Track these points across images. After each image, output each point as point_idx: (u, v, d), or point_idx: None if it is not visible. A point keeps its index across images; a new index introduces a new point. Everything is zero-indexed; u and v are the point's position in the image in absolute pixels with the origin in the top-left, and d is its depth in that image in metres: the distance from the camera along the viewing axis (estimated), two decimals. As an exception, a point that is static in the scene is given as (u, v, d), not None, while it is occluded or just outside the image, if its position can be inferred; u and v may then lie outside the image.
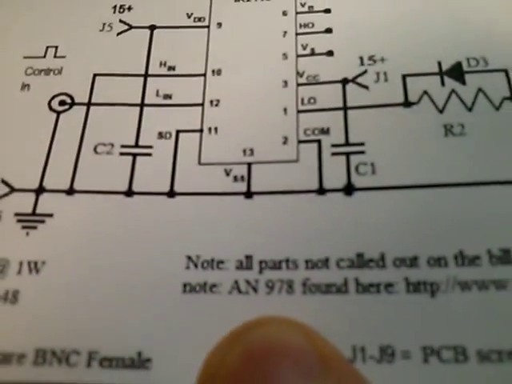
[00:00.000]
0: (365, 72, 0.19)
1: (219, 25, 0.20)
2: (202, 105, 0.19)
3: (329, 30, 0.20)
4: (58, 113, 0.19)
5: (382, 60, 0.19)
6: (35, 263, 0.17)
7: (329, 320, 0.15)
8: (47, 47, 0.21)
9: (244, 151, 0.18)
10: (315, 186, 0.17)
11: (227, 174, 0.18)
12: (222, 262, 0.16)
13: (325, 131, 0.18)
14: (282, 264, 0.16)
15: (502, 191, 0.16)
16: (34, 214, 0.17)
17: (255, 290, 0.16)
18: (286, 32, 0.20)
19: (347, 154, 0.17)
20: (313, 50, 0.19)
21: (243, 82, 0.19)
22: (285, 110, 0.18)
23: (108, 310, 0.16)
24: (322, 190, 0.17)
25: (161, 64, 0.20)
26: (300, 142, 0.18)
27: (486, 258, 0.15)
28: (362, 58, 0.19)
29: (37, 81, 0.20)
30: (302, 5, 0.20)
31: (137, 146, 0.18)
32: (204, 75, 0.20)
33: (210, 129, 0.18)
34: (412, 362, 0.14)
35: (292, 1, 0.20)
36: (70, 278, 0.16)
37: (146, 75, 0.20)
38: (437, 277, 0.15)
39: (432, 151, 0.17)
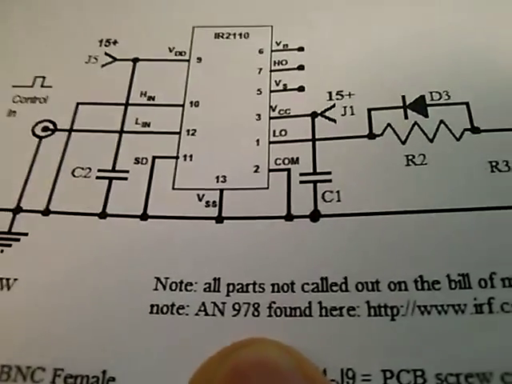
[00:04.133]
0: (333, 106, 0.20)
1: (199, 59, 0.22)
2: (179, 133, 0.20)
3: (301, 67, 0.21)
4: (41, 138, 0.20)
5: (350, 95, 0.20)
6: (7, 280, 0.17)
7: (292, 343, 0.15)
8: (35, 77, 0.22)
9: (217, 178, 0.19)
10: (283, 212, 0.18)
11: (200, 200, 0.18)
12: (190, 283, 0.17)
13: (294, 161, 0.19)
14: (249, 287, 0.16)
15: (462, 218, 0.17)
16: (9, 232, 0.18)
17: (222, 312, 0.16)
18: (261, 69, 0.21)
19: (314, 182, 0.18)
20: (285, 85, 0.20)
21: (219, 114, 0.20)
22: (257, 141, 0.19)
23: (75, 328, 0.16)
24: (289, 216, 0.18)
25: (141, 94, 0.21)
26: (270, 170, 0.19)
27: (446, 283, 0.16)
28: (330, 93, 0.20)
29: (23, 108, 0.21)
30: (278, 43, 0.22)
31: (113, 170, 0.19)
32: (182, 106, 0.20)
33: (185, 156, 0.19)
34: (372, 385, 0.15)
35: (268, 39, 0.22)
36: (40, 296, 0.17)
37: (126, 104, 0.21)
38: (397, 301, 0.16)
39: (394, 180, 0.18)
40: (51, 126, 0.20)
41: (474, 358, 0.15)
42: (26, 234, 0.18)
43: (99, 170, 0.19)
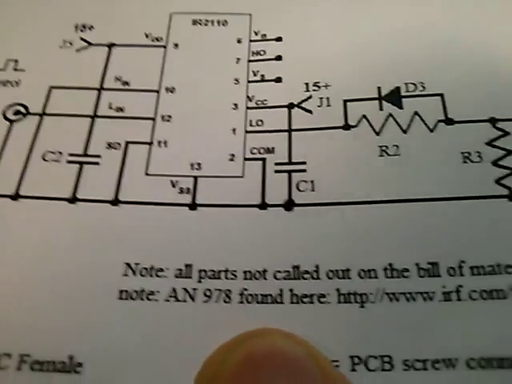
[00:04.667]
0: (309, 97, 0.20)
1: (176, 45, 0.21)
2: (154, 119, 0.20)
3: (279, 58, 0.21)
4: (12, 122, 0.20)
5: (326, 86, 0.20)
6: (-26, 266, 0.17)
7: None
8: (8, 60, 0.21)
9: (192, 165, 0.19)
10: (258, 200, 0.18)
11: (173, 186, 0.18)
12: (161, 269, 0.17)
13: (270, 150, 0.19)
14: (221, 274, 0.16)
15: (432, 208, 0.17)
16: None
17: (193, 298, 0.16)
18: (239, 59, 0.21)
19: (289, 172, 0.18)
20: (263, 76, 0.20)
21: (195, 102, 0.20)
22: (234, 130, 0.19)
23: (42, 313, 0.16)
24: (264, 205, 0.18)
25: (116, 79, 0.21)
26: (246, 159, 0.19)
27: (415, 271, 0.16)
28: (307, 84, 0.20)
29: None
30: (256, 33, 0.21)
31: (85, 155, 0.19)
32: (157, 92, 0.20)
33: (159, 142, 0.19)
34: (340, 370, 0.15)
35: (247, 28, 0.22)
36: (7, 280, 0.16)
37: (100, 89, 0.20)
38: (366, 288, 0.16)
39: (367, 171, 0.18)
40: (23, 110, 0.20)
41: (441, 344, 0.15)
42: None
43: (70, 155, 0.19)
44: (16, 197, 0.18)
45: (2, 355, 0.15)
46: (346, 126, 0.19)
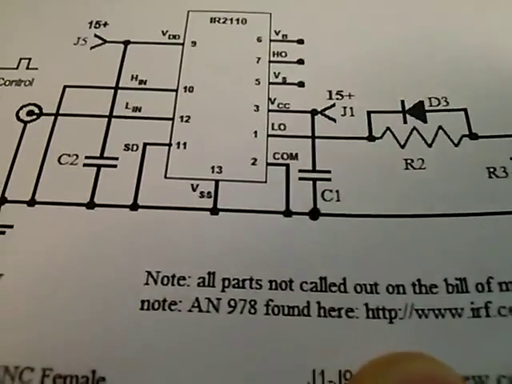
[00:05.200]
0: (333, 105, 0.19)
1: (193, 43, 0.21)
2: (172, 119, 0.19)
3: (301, 61, 0.20)
4: (26, 123, 0.19)
5: (350, 96, 0.19)
6: (-8, 276, 0.16)
7: (290, 342, 0.15)
8: (20, 59, 0.20)
9: (212, 168, 0.18)
10: (282, 207, 0.17)
11: (193, 190, 0.18)
12: (183, 278, 0.16)
13: (293, 156, 0.18)
14: (246, 283, 0.16)
15: (459, 222, 0.17)
16: None
17: (216, 308, 0.16)
18: (259, 58, 0.20)
19: (314, 180, 0.18)
20: (284, 79, 0.20)
21: (215, 101, 0.19)
22: (255, 132, 0.19)
23: (64, 326, 0.15)
24: (288, 213, 0.17)
25: (132, 77, 0.20)
26: (269, 164, 0.18)
27: (443, 287, 0.16)
28: (330, 92, 0.20)
29: (7, 91, 0.20)
30: (277, 33, 0.21)
31: (102, 157, 0.18)
32: (176, 91, 0.20)
33: (178, 143, 0.18)
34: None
35: (267, 27, 0.21)
36: (27, 291, 0.16)
37: (116, 88, 0.20)
38: (395, 304, 0.16)
39: (393, 183, 0.18)
40: (36, 110, 0.19)
41: (471, 361, 0.15)
42: (12, 227, 0.17)
43: (87, 157, 0.18)
44: (32, 203, 0.17)
45: (25, 369, 0.15)
46: (371, 138, 0.19)
